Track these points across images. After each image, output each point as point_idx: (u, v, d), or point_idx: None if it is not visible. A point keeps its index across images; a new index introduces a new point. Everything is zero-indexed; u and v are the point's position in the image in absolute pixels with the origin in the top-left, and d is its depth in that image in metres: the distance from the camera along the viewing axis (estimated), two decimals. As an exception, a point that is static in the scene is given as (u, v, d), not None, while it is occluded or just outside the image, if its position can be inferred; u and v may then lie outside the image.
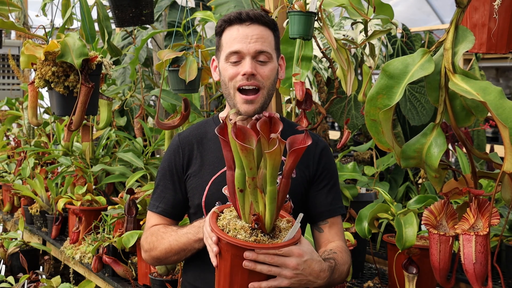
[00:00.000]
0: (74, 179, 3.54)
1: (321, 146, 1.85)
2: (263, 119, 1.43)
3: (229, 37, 1.74)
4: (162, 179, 1.86)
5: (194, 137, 1.85)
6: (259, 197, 1.43)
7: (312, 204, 1.83)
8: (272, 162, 1.37)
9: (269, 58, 1.74)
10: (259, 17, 1.74)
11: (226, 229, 1.47)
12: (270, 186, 1.40)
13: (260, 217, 1.44)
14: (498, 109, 1.39)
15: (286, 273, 1.46)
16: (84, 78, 2.44)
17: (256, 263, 1.43)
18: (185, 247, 1.72)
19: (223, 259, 1.47)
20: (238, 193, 1.45)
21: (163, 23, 4.40)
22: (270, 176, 1.39)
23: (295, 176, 1.79)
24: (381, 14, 2.52)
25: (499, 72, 7.62)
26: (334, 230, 1.82)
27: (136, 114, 3.97)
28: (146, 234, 1.85)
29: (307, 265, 1.50)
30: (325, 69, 3.24)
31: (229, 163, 1.45)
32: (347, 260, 1.73)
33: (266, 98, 1.75)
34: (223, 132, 1.43)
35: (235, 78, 1.72)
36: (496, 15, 1.61)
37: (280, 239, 1.47)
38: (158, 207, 1.84)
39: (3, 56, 6.97)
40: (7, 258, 3.59)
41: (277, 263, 1.45)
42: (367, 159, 3.79)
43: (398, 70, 1.54)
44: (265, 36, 1.74)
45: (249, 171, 1.39)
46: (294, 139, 1.42)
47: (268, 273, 1.45)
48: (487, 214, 1.54)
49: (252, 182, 1.40)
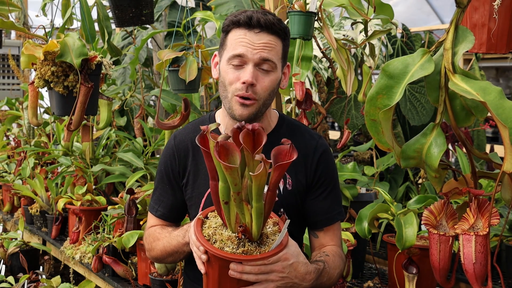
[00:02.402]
0: (74, 179, 3.54)
1: (320, 151, 1.79)
2: (245, 131, 1.37)
3: (234, 39, 1.66)
4: (160, 182, 1.85)
5: (190, 141, 1.81)
6: (245, 209, 1.41)
7: (308, 212, 1.79)
8: (257, 183, 1.34)
9: (273, 67, 1.67)
10: (270, 26, 1.65)
11: (212, 239, 1.45)
12: (257, 203, 1.38)
13: (247, 228, 1.42)
14: (498, 109, 1.39)
15: (272, 277, 1.47)
16: (84, 78, 2.44)
17: (243, 274, 1.44)
18: (177, 250, 1.72)
19: (211, 267, 1.46)
20: (223, 205, 1.43)
21: (163, 23, 4.40)
22: (256, 194, 1.36)
23: (291, 189, 1.75)
24: (381, 14, 2.52)
25: (499, 72, 7.62)
26: (329, 236, 1.80)
27: (136, 114, 3.97)
28: (146, 234, 1.87)
29: (293, 268, 1.50)
30: (325, 69, 3.24)
31: (212, 173, 1.43)
32: (339, 264, 1.71)
33: (261, 108, 1.69)
34: (204, 142, 1.38)
35: (234, 85, 1.66)
36: (496, 15, 1.61)
37: (267, 245, 1.46)
38: (157, 211, 1.84)
39: (3, 56, 6.97)
40: (7, 258, 3.58)
41: (264, 271, 1.46)
42: (367, 159, 3.79)
43: (398, 70, 1.54)
44: (272, 45, 1.66)
45: (234, 186, 1.36)
46: (279, 151, 1.38)
47: (256, 281, 1.46)
48: (487, 214, 1.54)
49: (238, 197, 1.38)
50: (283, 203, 1.74)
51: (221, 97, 1.74)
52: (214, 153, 1.32)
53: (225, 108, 1.73)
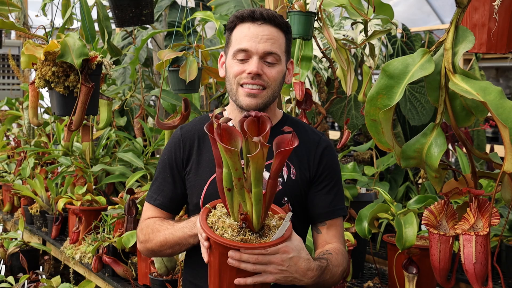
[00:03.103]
0: (74, 179, 3.54)
1: (323, 145, 1.82)
2: (250, 119, 1.40)
3: (239, 34, 1.72)
4: (162, 171, 1.85)
5: (196, 131, 1.84)
6: (247, 197, 1.41)
7: (311, 205, 1.80)
8: (255, 165, 1.35)
9: (277, 60, 1.72)
10: (272, 18, 1.71)
11: (215, 227, 1.47)
12: (255, 188, 1.38)
13: (248, 216, 1.43)
14: (498, 109, 1.39)
15: (270, 269, 1.46)
16: (84, 78, 2.44)
17: (241, 262, 1.43)
18: (180, 241, 1.71)
19: (213, 255, 1.47)
20: (226, 192, 1.44)
21: (163, 23, 4.41)
22: (254, 178, 1.37)
23: (295, 178, 1.77)
24: (381, 14, 2.52)
25: (499, 72, 7.62)
26: (332, 232, 1.80)
27: (136, 114, 3.97)
28: (142, 225, 1.84)
29: (293, 263, 1.49)
30: (325, 69, 3.25)
31: (219, 160, 1.44)
32: (342, 262, 1.70)
33: (270, 98, 1.73)
34: (212, 130, 1.40)
35: (239, 75, 1.71)
36: (496, 15, 1.61)
37: (268, 237, 1.46)
38: (156, 200, 1.84)
39: (3, 56, 6.97)
40: (7, 258, 3.59)
41: (262, 262, 1.45)
42: (367, 159, 3.80)
43: (398, 70, 1.54)
44: (276, 38, 1.71)
45: (235, 171, 1.37)
46: (281, 139, 1.40)
47: (253, 271, 1.45)
48: (487, 214, 1.54)
49: (239, 183, 1.39)
50: (286, 192, 1.75)
51: (228, 92, 1.78)
52: (216, 135, 1.34)
53: (233, 102, 1.77)
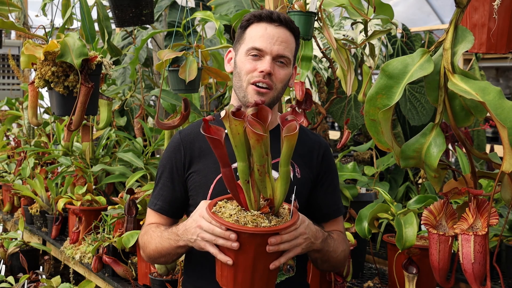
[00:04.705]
0: (74, 179, 3.54)
1: (324, 147, 1.90)
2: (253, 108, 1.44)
3: (255, 33, 1.75)
4: (161, 177, 1.86)
5: (196, 134, 1.85)
6: (267, 182, 1.45)
7: (315, 205, 1.86)
8: (289, 143, 1.40)
9: (287, 63, 1.76)
10: (289, 22, 1.77)
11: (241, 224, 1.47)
12: (285, 167, 1.44)
13: (272, 199, 1.47)
14: (497, 109, 1.39)
15: (300, 241, 1.56)
16: (84, 78, 2.44)
17: (279, 244, 1.49)
18: (169, 252, 1.72)
19: (243, 253, 1.47)
20: (245, 184, 1.46)
21: (163, 23, 4.40)
22: (286, 156, 1.43)
23: (300, 177, 1.80)
24: (381, 14, 2.52)
25: (499, 72, 7.62)
26: (334, 226, 1.89)
27: (136, 114, 3.97)
28: (142, 231, 1.87)
29: (309, 228, 1.60)
30: (325, 69, 3.25)
31: (224, 160, 1.46)
32: (343, 243, 1.81)
33: (274, 99, 1.77)
34: (209, 131, 1.42)
35: (251, 73, 1.73)
36: (495, 15, 1.61)
37: (282, 216, 1.52)
38: (156, 205, 1.85)
39: (3, 56, 6.98)
40: (7, 258, 3.59)
41: (296, 236, 1.54)
42: (367, 159, 3.79)
43: (397, 70, 1.54)
44: (289, 41, 1.76)
45: (261, 159, 1.41)
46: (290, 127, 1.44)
47: (289, 248, 1.53)
48: (486, 214, 1.54)
49: (263, 170, 1.43)
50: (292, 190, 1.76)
51: (235, 88, 1.80)
52: (248, 126, 1.37)
53: (238, 98, 1.78)
